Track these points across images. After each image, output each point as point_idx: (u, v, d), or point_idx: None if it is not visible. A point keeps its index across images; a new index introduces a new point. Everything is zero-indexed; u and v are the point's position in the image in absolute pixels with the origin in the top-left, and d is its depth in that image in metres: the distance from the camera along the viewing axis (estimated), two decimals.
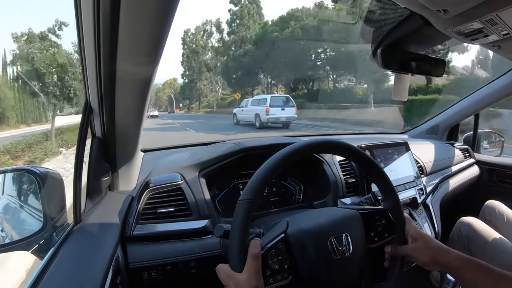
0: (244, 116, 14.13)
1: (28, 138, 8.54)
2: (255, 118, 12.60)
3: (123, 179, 0.86)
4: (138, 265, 0.70)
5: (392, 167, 1.14)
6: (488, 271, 0.58)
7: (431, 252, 0.62)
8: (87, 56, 0.56)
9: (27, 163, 7.02)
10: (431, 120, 1.80)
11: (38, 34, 10.63)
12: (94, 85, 0.60)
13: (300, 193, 1.02)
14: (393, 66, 0.79)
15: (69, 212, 0.69)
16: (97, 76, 0.57)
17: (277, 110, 11.90)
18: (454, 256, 0.60)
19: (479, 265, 0.58)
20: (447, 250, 0.62)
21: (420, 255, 0.62)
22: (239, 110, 14.73)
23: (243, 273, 0.47)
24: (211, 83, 39.51)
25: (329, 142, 0.61)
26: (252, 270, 0.47)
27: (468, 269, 0.59)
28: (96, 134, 0.74)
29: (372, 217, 0.64)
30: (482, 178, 1.66)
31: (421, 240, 0.63)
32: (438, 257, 0.61)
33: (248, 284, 0.46)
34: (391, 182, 0.66)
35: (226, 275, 0.49)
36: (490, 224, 1.17)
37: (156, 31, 0.47)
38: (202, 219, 0.78)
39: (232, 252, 0.49)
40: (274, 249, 0.52)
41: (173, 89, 53.55)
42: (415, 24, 0.69)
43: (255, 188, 0.51)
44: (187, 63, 39.32)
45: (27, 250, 0.64)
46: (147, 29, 0.46)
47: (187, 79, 41.23)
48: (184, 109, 49.84)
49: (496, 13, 0.57)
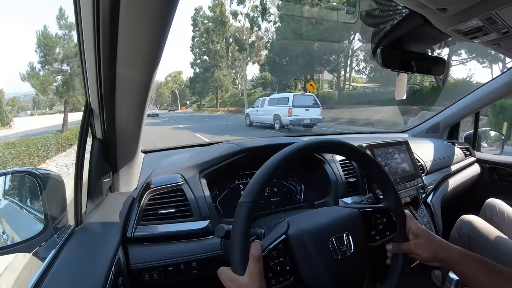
0: (258, 117, 12.54)
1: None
2: (274, 120, 11.17)
3: (124, 180, 0.87)
4: (139, 266, 0.70)
5: (393, 166, 1.14)
6: (489, 267, 0.58)
7: (432, 248, 0.62)
8: (87, 58, 0.56)
9: None
10: (432, 119, 1.80)
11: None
12: (94, 86, 0.60)
13: (301, 193, 1.02)
14: (393, 65, 0.79)
15: (70, 213, 0.69)
16: (97, 78, 0.57)
17: (301, 111, 10.44)
18: (455, 251, 0.60)
19: (480, 261, 0.59)
20: (448, 246, 0.62)
21: (421, 251, 0.62)
22: (253, 110, 13.16)
23: (245, 276, 0.47)
24: (239, 70, 29.66)
25: (328, 141, 0.60)
26: (254, 273, 0.47)
27: (469, 265, 0.59)
28: (96, 135, 0.74)
29: (373, 215, 0.64)
30: (483, 176, 1.66)
31: (423, 236, 0.63)
32: (439, 253, 0.61)
33: (251, 286, 0.46)
34: (391, 180, 0.66)
35: (229, 278, 0.49)
36: (491, 222, 1.17)
37: (156, 32, 0.47)
38: (203, 219, 0.78)
39: (233, 255, 0.49)
40: (275, 250, 0.52)
41: (177, 83, 47.62)
42: (414, 23, 0.69)
43: (254, 190, 0.51)
44: (201, 47, 29.89)
45: (29, 252, 0.64)
46: (146, 31, 0.47)
47: (200, 68, 31.20)
48: (192, 107, 42.76)
49: (496, 11, 0.57)
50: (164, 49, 0.51)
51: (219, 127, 13.53)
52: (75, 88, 10.35)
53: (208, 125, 15.17)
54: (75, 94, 10.63)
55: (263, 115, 12.11)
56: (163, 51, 0.52)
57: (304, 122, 10.51)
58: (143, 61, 0.53)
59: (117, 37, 0.47)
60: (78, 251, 0.60)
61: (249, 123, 13.45)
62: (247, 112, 14.03)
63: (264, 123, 12.09)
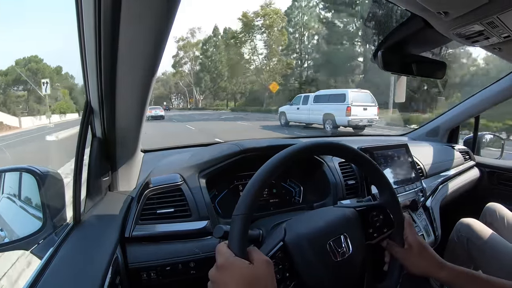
0: (299, 116, 11.13)
1: None
2: (324, 120, 9.68)
3: (123, 180, 0.86)
4: (137, 266, 0.70)
5: (392, 169, 1.14)
6: (480, 282, 0.58)
7: (423, 264, 0.62)
8: (88, 56, 0.56)
9: None
10: (431, 122, 1.80)
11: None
12: (95, 85, 0.60)
13: (300, 195, 1.02)
14: (394, 68, 0.79)
15: (68, 212, 0.69)
16: (97, 76, 0.57)
17: (359, 110, 9.03)
18: (445, 270, 0.61)
19: (471, 277, 0.59)
20: (440, 264, 0.61)
21: (411, 264, 0.62)
22: (292, 109, 11.68)
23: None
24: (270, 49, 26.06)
25: (321, 144, 0.60)
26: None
27: (459, 283, 0.59)
28: (96, 134, 0.74)
29: (369, 213, 0.64)
30: (483, 180, 1.66)
31: (416, 249, 0.62)
32: (428, 270, 0.62)
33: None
34: (386, 177, 0.65)
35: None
36: (490, 226, 1.17)
37: (157, 32, 0.47)
38: (202, 220, 0.78)
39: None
40: (273, 258, 0.51)
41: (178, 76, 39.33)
42: (415, 26, 0.69)
43: (249, 201, 0.49)
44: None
45: (27, 249, 0.64)
46: (147, 30, 0.47)
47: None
48: (203, 102, 36.32)
49: (497, 16, 0.57)
50: (165, 49, 0.51)
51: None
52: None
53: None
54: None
55: (306, 114, 10.71)
56: (164, 51, 0.52)
57: (362, 123, 9.18)
58: (144, 60, 0.53)
59: (118, 36, 0.47)
60: (76, 250, 0.60)
61: (285, 123, 12.13)
62: (282, 111, 12.64)
63: (306, 123, 10.90)
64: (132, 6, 0.42)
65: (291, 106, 11.93)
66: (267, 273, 0.45)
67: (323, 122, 9.86)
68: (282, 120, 12.40)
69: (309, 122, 10.81)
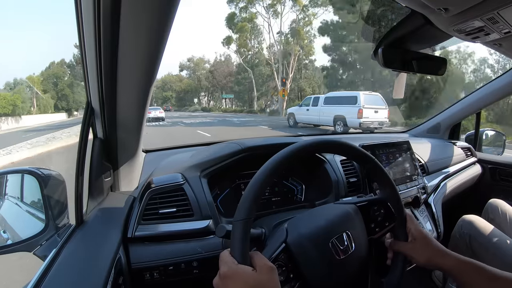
0: (308, 117, 11.08)
1: None
2: (335, 121, 9.65)
3: (125, 180, 0.87)
4: (140, 266, 0.70)
5: (394, 166, 1.14)
6: (486, 273, 0.58)
7: (428, 253, 0.62)
8: (88, 57, 0.56)
9: None
10: (433, 119, 1.80)
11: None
12: (96, 86, 0.60)
13: (302, 193, 1.02)
14: (394, 65, 0.79)
15: (71, 213, 0.70)
16: (98, 77, 0.57)
17: (370, 112, 9.06)
18: (450, 258, 0.61)
19: (477, 268, 0.59)
20: (445, 253, 0.62)
21: (416, 254, 0.63)
22: (301, 109, 11.66)
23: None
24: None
25: (322, 142, 0.60)
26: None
27: (465, 271, 0.59)
28: (97, 135, 0.74)
29: (370, 208, 0.64)
30: (484, 176, 1.66)
31: (420, 240, 0.63)
32: (433, 259, 0.62)
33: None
34: (385, 172, 0.65)
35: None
36: (493, 222, 1.17)
37: (157, 33, 0.47)
38: (204, 219, 0.78)
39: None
40: (277, 261, 0.51)
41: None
42: (416, 23, 0.69)
43: (249, 205, 0.49)
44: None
45: (29, 251, 0.64)
46: (147, 30, 0.47)
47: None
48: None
49: (497, 11, 0.57)
50: (165, 49, 0.51)
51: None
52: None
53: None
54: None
55: (316, 115, 10.68)
56: (164, 51, 0.52)
57: (373, 126, 9.10)
58: (144, 61, 0.53)
59: (118, 37, 0.48)
60: (79, 251, 0.60)
61: (293, 124, 12.21)
62: (291, 112, 12.74)
63: (315, 124, 10.88)
64: (132, 7, 0.42)
65: (300, 107, 12.03)
66: (271, 279, 0.45)
67: (333, 123, 9.84)
68: (291, 121, 12.48)
69: (318, 123, 10.83)
